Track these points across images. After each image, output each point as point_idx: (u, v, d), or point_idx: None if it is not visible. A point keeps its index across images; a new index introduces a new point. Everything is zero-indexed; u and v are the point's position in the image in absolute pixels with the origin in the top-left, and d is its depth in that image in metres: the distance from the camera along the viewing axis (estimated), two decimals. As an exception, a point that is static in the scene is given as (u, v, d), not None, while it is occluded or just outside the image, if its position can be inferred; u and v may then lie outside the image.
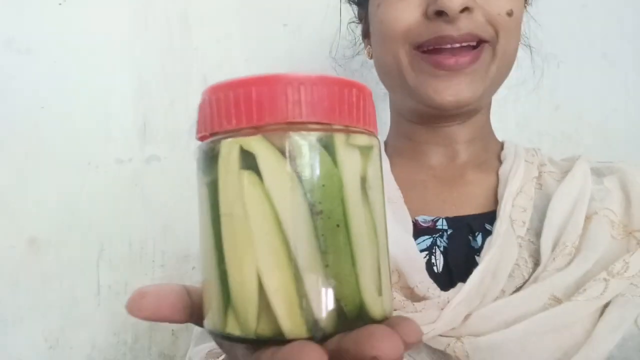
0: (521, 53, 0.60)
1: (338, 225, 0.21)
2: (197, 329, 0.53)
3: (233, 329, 0.21)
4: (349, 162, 0.22)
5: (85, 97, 0.75)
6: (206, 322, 0.23)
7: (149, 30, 0.77)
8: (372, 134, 0.24)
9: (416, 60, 0.46)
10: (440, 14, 0.43)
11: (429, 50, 0.46)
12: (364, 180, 0.22)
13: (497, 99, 0.81)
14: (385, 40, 0.47)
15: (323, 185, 0.21)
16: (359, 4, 0.57)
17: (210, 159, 0.22)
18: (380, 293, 0.22)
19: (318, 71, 0.74)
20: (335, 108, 0.21)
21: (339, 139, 0.22)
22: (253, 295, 0.21)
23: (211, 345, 0.49)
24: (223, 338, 0.22)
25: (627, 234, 0.43)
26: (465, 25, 0.44)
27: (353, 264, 0.21)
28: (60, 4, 0.74)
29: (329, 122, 0.21)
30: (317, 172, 0.21)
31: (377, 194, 0.23)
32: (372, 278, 0.22)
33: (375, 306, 0.22)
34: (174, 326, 0.75)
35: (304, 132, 0.21)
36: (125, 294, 0.74)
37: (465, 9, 0.43)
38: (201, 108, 0.23)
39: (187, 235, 0.76)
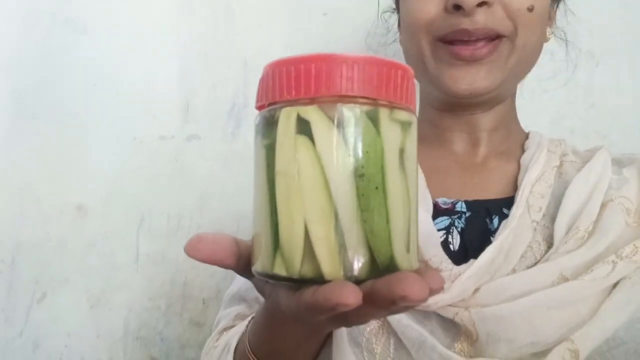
0: (556, 46, 0.61)
1: (377, 188, 0.24)
2: (227, 295, 0.57)
3: (280, 270, 0.25)
4: (391, 134, 0.25)
5: (133, 76, 0.80)
6: (255, 265, 0.27)
7: (195, 15, 0.81)
8: (412, 111, 0.27)
9: (437, 50, 0.48)
10: (458, 7, 0.45)
11: (449, 41, 0.48)
12: (402, 152, 0.26)
13: (531, 94, 0.81)
14: (410, 30, 0.50)
15: (367, 152, 0.24)
16: None
17: (270, 124, 0.25)
18: (408, 250, 0.26)
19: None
20: (382, 86, 0.25)
21: (383, 113, 0.25)
22: (299, 241, 0.24)
23: (239, 308, 0.52)
24: (270, 278, 0.25)
25: None
26: (482, 19, 0.45)
27: (387, 222, 0.24)
28: (115, -12, 0.79)
29: (376, 97, 0.25)
30: (362, 140, 0.24)
31: (412, 164, 0.27)
32: (403, 236, 0.25)
33: (403, 260, 0.25)
34: (205, 295, 0.79)
35: (353, 105, 0.24)
36: (161, 263, 0.79)
37: (484, 3, 0.45)
38: (263, 80, 0.27)
39: (221, 211, 0.80)
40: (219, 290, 0.78)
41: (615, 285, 0.41)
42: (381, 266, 0.24)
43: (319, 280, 0.24)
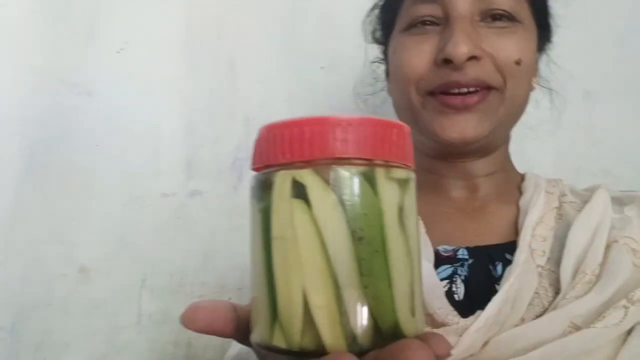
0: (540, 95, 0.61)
1: (377, 251, 0.23)
2: (226, 357, 0.55)
3: (279, 341, 0.23)
4: (388, 193, 0.24)
5: (136, 135, 0.81)
6: (253, 335, 0.25)
7: (197, 72, 0.83)
8: (410, 167, 0.27)
9: (427, 102, 0.49)
10: (448, 62, 0.46)
11: (440, 92, 0.48)
12: (401, 210, 0.25)
13: (533, 135, 0.82)
14: (399, 84, 0.51)
15: (365, 214, 0.23)
16: (384, 44, 0.60)
17: (265, 188, 0.25)
18: (413, 314, 0.24)
19: (352, 109, 0.77)
20: (377, 145, 0.24)
21: (380, 173, 0.24)
22: (299, 311, 0.23)
23: None
24: (269, 350, 0.24)
25: None
26: (472, 73, 0.46)
27: (390, 286, 0.23)
28: (118, 52, 0.81)
29: (371, 157, 0.24)
30: (360, 202, 0.23)
31: (413, 222, 0.26)
32: (407, 300, 0.24)
33: (408, 325, 0.24)
34: (209, 356, 0.77)
35: (348, 167, 0.24)
36: (164, 323, 0.77)
37: (473, 58, 0.46)
38: (258, 143, 0.26)
39: (225, 266, 0.79)
40: (224, 350, 0.75)
41: (629, 331, 0.40)
42: (385, 333, 0.23)
43: (321, 352, 0.22)
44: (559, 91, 0.62)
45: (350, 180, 0.24)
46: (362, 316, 0.23)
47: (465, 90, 0.47)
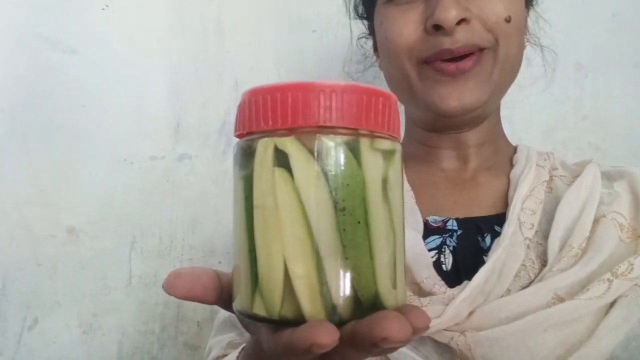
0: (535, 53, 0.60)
1: (359, 222, 0.23)
2: (217, 320, 0.55)
3: (259, 310, 0.23)
4: (373, 164, 0.24)
5: (123, 96, 0.79)
6: (235, 303, 0.25)
7: (185, 34, 0.81)
8: (395, 139, 0.26)
9: (422, 71, 0.48)
10: (438, 27, 0.45)
11: (433, 60, 0.47)
12: (385, 182, 0.24)
13: (522, 106, 0.81)
14: (391, 55, 0.49)
15: (347, 185, 0.23)
16: (367, 19, 0.59)
17: (247, 155, 0.24)
18: (394, 286, 0.24)
19: (343, 75, 0.76)
20: (362, 114, 0.24)
21: (364, 143, 0.24)
22: (279, 280, 0.23)
23: (231, 335, 0.51)
24: (250, 318, 0.24)
25: (636, 237, 0.43)
26: (462, 37, 0.45)
27: (371, 257, 0.23)
28: (103, 8, 0.78)
29: (356, 127, 0.24)
30: (343, 172, 0.23)
31: (397, 194, 0.25)
32: (388, 272, 0.24)
33: (389, 297, 0.24)
34: (199, 317, 0.78)
35: (332, 136, 0.23)
36: (154, 285, 0.78)
37: (462, 21, 0.45)
38: (240, 108, 0.25)
39: (214, 231, 0.79)
40: (214, 311, 0.77)
41: (612, 304, 0.40)
42: (365, 304, 0.23)
43: (300, 321, 0.22)
44: (551, 49, 0.61)
45: (334, 149, 0.23)
46: (342, 287, 0.23)
47: (457, 56, 0.46)
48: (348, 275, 0.23)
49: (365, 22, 0.60)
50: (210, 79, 0.81)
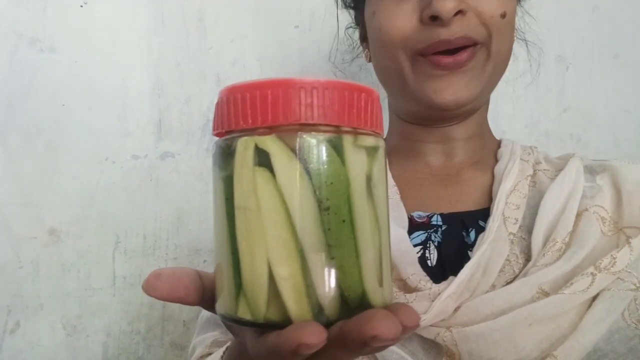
0: (518, 48, 0.61)
1: (344, 221, 0.23)
2: (201, 318, 0.55)
3: (244, 313, 0.23)
4: (356, 161, 0.23)
5: (104, 94, 0.77)
6: (218, 305, 0.25)
7: (166, 30, 0.79)
8: (379, 135, 0.26)
9: (416, 63, 0.47)
10: (435, 18, 0.45)
11: (429, 52, 0.47)
12: (369, 179, 0.24)
13: (505, 99, 0.82)
14: (384, 46, 0.48)
15: (331, 183, 0.22)
16: (355, 9, 0.58)
17: (227, 155, 0.24)
18: (381, 284, 0.24)
19: (326, 71, 0.76)
20: (344, 111, 0.23)
21: (347, 140, 0.23)
22: (263, 282, 0.22)
23: (215, 334, 0.50)
24: (234, 322, 0.24)
25: (618, 230, 0.44)
26: (459, 29, 0.45)
27: (357, 256, 0.23)
28: (81, 5, 0.76)
29: (338, 124, 0.23)
30: (326, 170, 0.22)
31: (381, 191, 0.25)
32: (374, 270, 0.24)
33: (376, 295, 0.23)
34: (186, 317, 0.77)
35: (314, 133, 0.23)
36: (139, 285, 0.77)
37: (459, 12, 0.45)
38: (218, 106, 0.25)
39: (199, 229, 0.78)
40: (200, 310, 0.76)
41: (595, 297, 0.41)
42: (353, 304, 0.23)
43: (287, 323, 0.22)
44: (536, 43, 0.61)
45: (317, 147, 0.22)
46: (328, 287, 0.22)
47: (454, 47, 0.46)
48: (334, 275, 0.22)
49: (352, 12, 0.59)
50: (193, 76, 0.80)
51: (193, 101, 0.80)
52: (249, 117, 0.23)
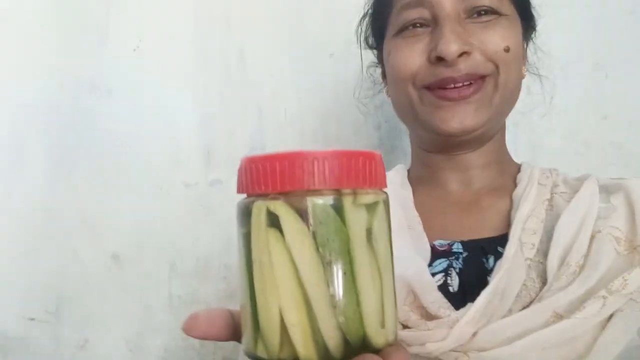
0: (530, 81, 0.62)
1: (345, 273, 0.26)
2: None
3: (262, 352, 0.27)
4: (356, 219, 0.27)
5: (156, 130, 0.85)
6: (242, 343, 0.29)
7: (210, 66, 0.86)
8: (379, 190, 0.29)
9: (423, 96, 0.51)
10: (441, 59, 0.48)
11: (435, 87, 0.50)
12: (369, 232, 0.27)
13: (540, 111, 0.81)
14: (396, 82, 0.53)
15: (332, 241, 0.26)
16: (376, 49, 0.62)
17: (246, 215, 0.28)
18: (382, 326, 0.27)
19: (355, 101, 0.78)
20: (343, 176, 0.26)
21: (347, 201, 0.27)
22: (276, 327, 0.26)
23: None
24: (254, 358, 0.27)
25: (632, 249, 0.44)
26: (465, 67, 0.48)
27: (357, 304, 0.26)
28: (134, 50, 0.84)
29: (339, 187, 0.26)
30: (328, 230, 0.26)
31: (383, 241, 0.28)
32: (376, 314, 0.27)
33: (377, 336, 0.26)
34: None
35: (318, 197, 0.26)
36: (193, 303, 0.83)
37: (464, 53, 0.48)
38: (240, 172, 0.29)
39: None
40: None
41: (609, 318, 0.41)
42: (355, 345, 0.26)
43: (297, 363, 0.25)
44: (549, 76, 0.62)
45: (320, 210, 0.26)
46: (332, 332, 0.26)
47: (460, 84, 0.49)
48: (337, 321, 0.26)
49: (375, 52, 0.63)
50: (235, 107, 0.85)
51: (237, 131, 0.85)
52: (262, 184, 0.27)
